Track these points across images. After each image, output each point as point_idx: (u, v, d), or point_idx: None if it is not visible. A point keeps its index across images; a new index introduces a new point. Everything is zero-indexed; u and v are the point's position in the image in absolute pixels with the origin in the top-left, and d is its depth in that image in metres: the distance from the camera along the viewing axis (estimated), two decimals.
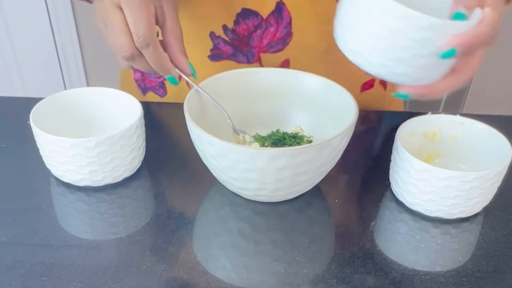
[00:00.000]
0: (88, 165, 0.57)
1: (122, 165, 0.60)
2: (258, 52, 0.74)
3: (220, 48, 0.74)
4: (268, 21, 0.71)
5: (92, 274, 0.49)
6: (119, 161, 0.59)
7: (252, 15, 0.71)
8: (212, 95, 0.62)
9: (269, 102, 0.67)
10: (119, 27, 0.53)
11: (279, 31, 0.72)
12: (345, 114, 0.57)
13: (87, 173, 0.58)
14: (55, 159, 0.58)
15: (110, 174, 0.59)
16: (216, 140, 0.51)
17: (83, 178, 0.59)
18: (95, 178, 0.59)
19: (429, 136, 0.61)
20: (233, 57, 0.75)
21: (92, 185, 0.60)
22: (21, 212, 0.57)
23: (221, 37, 0.73)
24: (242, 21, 0.71)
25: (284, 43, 0.73)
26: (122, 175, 0.61)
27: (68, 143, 0.56)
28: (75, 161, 0.57)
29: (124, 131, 0.57)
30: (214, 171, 0.57)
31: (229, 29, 0.72)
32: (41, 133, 0.57)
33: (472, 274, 0.50)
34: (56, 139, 0.56)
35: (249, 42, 0.73)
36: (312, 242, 0.53)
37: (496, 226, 0.56)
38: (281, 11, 0.70)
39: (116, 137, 0.57)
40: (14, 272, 0.49)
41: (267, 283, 0.49)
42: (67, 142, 0.56)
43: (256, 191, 0.55)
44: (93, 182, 0.59)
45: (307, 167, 0.52)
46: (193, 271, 0.50)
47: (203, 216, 0.57)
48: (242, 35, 0.72)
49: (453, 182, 0.52)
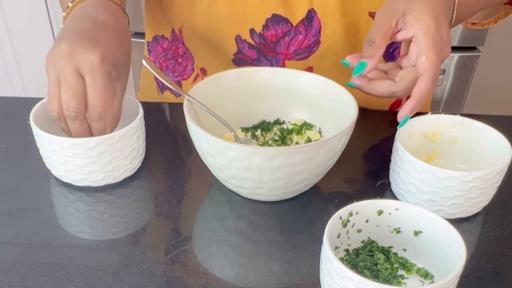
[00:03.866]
0: (88, 165, 0.57)
1: (122, 165, 0.60)
2: (283, 58, 0.74)
3: (244, 52, 0.74)
4: (297, 29, 0.71)
5: (92, 274, 0.49)
6: (119, 161, 0.59)
7: (282, 21, 0.70)
8: (212, 94, 0.62)
9: (269, 102, 0.67)
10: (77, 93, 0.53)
11: (307, 39, 0.72)
12: (345, 114, 0.57)
13: (87, 173, 0.58)
14: (55, 159, 0.58)
15: (111, 174, 0.59)
16: (213, 138, 0.51)
17: (83, 178, 0.59)
18: (95, 178, 0.59)
19: (429, 136, 0.61)
20: (257, 62, 0.74)
21: (92, 185, 0.60)
22: (21, 212, 0.57)
23: (246, 41, 0.73)
24: (271, 26, 0.71)
25: (310, 51, 0.73)
26: (122, 175, 0.60)
27: (68, 143, 0.56)
28: (75, 161, 0.57)
29: (124, 131, 0.57)
30: (213, 170, 0.57)
31: (257, 33, 0.72)
32: (41, 133, 0.57)
33: (472, 274, 0.50)
34: (56, 139, 0.56)
35: (276, 48, 0.73)
36: (312, 242, 0.53)
37: (496, 226, 0.56)
38: (312, 19, 0.70)
39: (116, 137, 0.57)
40: (14, 272, 0.49)
41: (267, 283, 0.49)
42: (67, 142, 0.55)
43: (253, 190, 0.55)
44: (93, 182, 0.59)
45: (304, 167, 0.52)
46: (193, 271, 0.50)
47: (203, 216, 0.57)
48: (269, 40, 0.72)
49: (453, 182, 0.52)
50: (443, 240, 0.46)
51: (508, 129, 0.58)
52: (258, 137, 0.65)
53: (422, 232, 0.48)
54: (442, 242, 0.46)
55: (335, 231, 0.47)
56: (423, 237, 0.48)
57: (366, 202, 0.48)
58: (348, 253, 0.50)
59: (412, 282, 0.48)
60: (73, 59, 0.53)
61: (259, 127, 0.66)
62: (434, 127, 0.61)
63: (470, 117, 0.60)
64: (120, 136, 0.57)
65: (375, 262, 0.49)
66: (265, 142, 0.65)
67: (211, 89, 0.63)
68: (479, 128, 0.59)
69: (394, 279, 0.48)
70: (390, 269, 0.49)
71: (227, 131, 0.61)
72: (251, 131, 0.66)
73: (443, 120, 0.61)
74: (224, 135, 0.62)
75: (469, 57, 1.52)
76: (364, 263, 0.48)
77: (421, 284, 0.48)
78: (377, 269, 0.48)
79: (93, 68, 0.53)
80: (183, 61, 0.82)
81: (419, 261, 0.50)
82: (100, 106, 0.55)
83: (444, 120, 0.60)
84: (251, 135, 0.66)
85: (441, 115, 0.60)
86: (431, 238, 0.47)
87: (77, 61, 0.53)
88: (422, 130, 0.61)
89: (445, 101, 1.62)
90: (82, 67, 0.53)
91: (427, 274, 0.48)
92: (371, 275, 0.48)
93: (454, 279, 0.41)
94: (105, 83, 0.54)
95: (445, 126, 0.61)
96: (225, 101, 0.64)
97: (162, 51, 0.85)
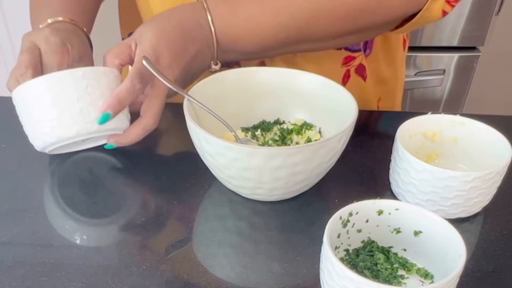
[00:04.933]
0: (54, 105, 0.56)
1: (93, 110, 0.57)
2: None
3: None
4: None
5: (92, 274, 0.49)
6: (86, 102, 0.56)
7: None
8: (212, 94, 0.62)
9: (269, 102, 0.67)
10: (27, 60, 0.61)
11: None
12: (345, 114, 0.57)
13: (55, 116, 0.56)
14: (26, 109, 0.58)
15: (81, 119, 0.56)
16: (213, 138, 0.51)
17: (53, 127, 0.56)
18: (64, 123, 0.56)
19: (429, 136, 0.61)
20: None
21: (65, 135, 0.57)
22: (21, 212, 0.57)
23: None
24: None
25: None
26: (94, 123, 0.57)
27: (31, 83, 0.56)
28: (43, 105, 0.56)
29: (92, 69, 0.57)
30: (213, 170, 0.57)
31: None
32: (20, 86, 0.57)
33: (472, 274, 0.50)
34: (30, 82, 0.56)
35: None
36: (312, 242, 0.53)
37: (496, 226, 0.56)
38: None
39: (80, 72, 0.56)
40: (14, 272, 0.49)
41: (267, 283, 0.49)
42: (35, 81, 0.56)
43: (253, 189, 0.55)
44: (65, 130, 0.57)
45: (304, 167, 0.52)
46: (193, 271, 0.50)
47: (203, 216, 0.57)
48: None
49: (453, 182, 0.52)
50: (443, 240, 0.46)
51: (508, 129, 0.58)
52: (258, 137, 0.65)
53: (422, 232, 0.48)
54: (442, 242, 0.46)
55: (335, 231, 0.47)
56: (423, 237, 0.48)
57: (366, 202, 0.48)
58: (348, 253, 0.50)
59: (412, 282, 0.48)
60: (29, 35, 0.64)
61: (259, 127, 0.66)
62: (434, 127, 0.61)
63: (470, 117, 0.60)
64: (83, 72, 0.56)
65: (375, 262, 0.49)
66: (265, 142, 0.65)
67: (211, 89, 0.63)
68: (479, 128, 0.59)
69: (394, 279, 0.48)
70: (390, 269, 0.49)
71: (227, 131, 0.61)
72: (251, 131, 0.66)
73: (443, 120, 0.60)
74: (224, 135, 0.62)
75: (469, 57, 1.53)
76: (364, 263, 0.48)
77: (421, 284, 0.48)
78: (377, 269, 0.48)
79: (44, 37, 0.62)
80: None
81: (419, 261, 0.50)
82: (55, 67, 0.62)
83: (444, 120, 0.60)
84: (251, 135, 0.66)
85: (441, 115, 0.60)
86: (431, 238, 0.47)
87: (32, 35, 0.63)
88: (422, 130, 0.61)
89: (445, 101, 1.62)
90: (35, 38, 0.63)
91: (427, 274, 0.48)
92: (371, 275, 0.48)
93: (454, 279, 0.41)
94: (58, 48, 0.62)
95: (445, 126, 0.61)
96: (225, 101, 0.64)
97: None
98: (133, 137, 0.60)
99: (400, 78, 0.89)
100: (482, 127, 0.58)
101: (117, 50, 0.61)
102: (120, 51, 0.61)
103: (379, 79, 0.84)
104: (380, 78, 0.84)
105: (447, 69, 1.54)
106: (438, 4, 0.63)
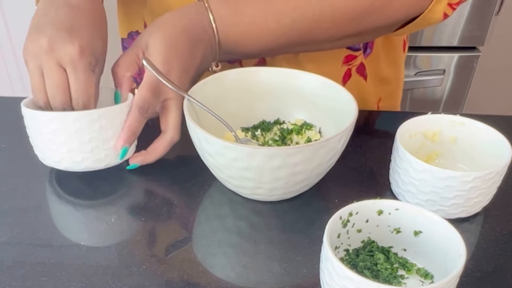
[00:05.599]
0: (66, 142, 0.56)
1: (103, 148, 0.57)
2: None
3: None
4: None
5: (92, 274, 0.49)
6: (98, 143, 0.57)
7: None
8: (212, 94, 0.62)
9: (269, 102, 0.67)
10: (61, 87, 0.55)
11: None
12: (345, 114, 0.57)
13: (66, 152, 0.57)
14: (36, 137, 0.58)
15: (90, 157, 0.57)
16: (213, 138, 0.51)
17: (62, 158, 0.57)
18: (74, 159, 0.57)
19: (429, 136, 0.61)
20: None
21: (73, 167, 0.58)
22: (21, 212, 0.57)
23: None
24: None
25: None
26: (104, 160, 0.59)
27: (47, 117, 0.55)
28: (54, 138, 0.56)
29: (105, 111, 0.56)
30: (213, 170, 0.57)
31: None
32: (24, 109, 0.56)
33: (472, 274, 0.50)
34: (36, 113, 0.55)
35: None
36: (312, 242, 0.53)
37: (496, 226, 0.56)
38: None
39: (95, 115, 0.56)
40: (14, 272, 0.49)
41: (267, 283, 0.49)
42: (46, 116, 0.55)
43: (253, 189, 0.55)
44: (73, 164, 0.58)
45: (304, 167, 0.52)
46: (193, 271, 0.50)
47: (203, 216, 0.57)
48: None
49: (453, 182, 0.52)
50: (443, 240, 0.46)
51: (508, 129, 0.58)
52: (258, 137, 0.65)
53: (422, 232, 0.48)
54: (442, 242, 0.46)
55: (335, 231, 0.47)
56: (423, 237, 0.48)
57: (366, 202, 0.48)
58: (348, 253, 0.50)
59: (412, 282, 0.48)
60: (53, 53, 0.54)
61: (259, 127, 0.66)
62: (434, 127, 0.61)
63: (470, 117, 0.60)
64: (99, 114, 0.56)
65: (375, 262, 0.49)
66: (265, 142, 0.65)
67: (211, 89, 0.63)
68: (479, 128, 0.59)
69: (394, 279, 0.48)
70: (390, 269, 0.49)
71: (227, 131, 0.61)
72: (251, 131, 0.66)
73: (443, 120, 0.61)
74: (224, 135, 0.62)
75: (469, 57, 1.53)
76: (364, 263, 0.48)
77: (421, 284, 0.48)
78: (377, 269, 0.48)
79: (74, 61, 0.55)
80: None
81: (419, 261, 0.50)
82: (84, 97, 0.56)
83: (444, 120, 0.60)
84: (251, 135, 0.66)
85: (441, 115, 0.60)
86: (431, 238, 0.47)
87: (57, 55, 0.54)
88: (422, 130, 0.61)
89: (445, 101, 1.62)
90: (62, 60, 0.55)
91: (427, 274, 0.48)
92: (371, 275, 0.48)
93: (454, 279, 0.41)
94: (86, 74, 0.56)
95: (445, 126, 0.61)
96: (225, 101, 0.64)
97: None
98: (159, 153, 0.61)
99: (401, 79, 0.89)
100: (482, 127, 0.58)
101: (126, 61, 0.60)
102: (129, 62, 0.60)
103: (379, 79, 0.84)
104: (380, 78, 0.84)
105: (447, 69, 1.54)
106: (441, 6, 0.63)
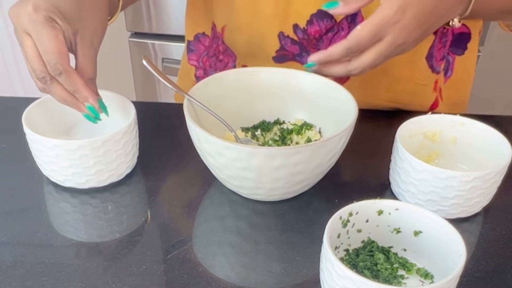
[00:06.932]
0: (70, 167, 0.57)
1: (107, 170, 0.59)
2: None
3: (286, 48, 0.74)
4: (340, 25, 0.70)
5: (92, 274, 0.49)
6: (102, 166, 0.58)
7: (326, 17, 0.70)
8: (212, 94, 0.62)
9: (269, 102, 0.67)
10: (30, 54, 0.52)
11: None
12: (345, 114, 0.57)
13: (70, 175, 0.58)
14: (41, 158, 0.58)
15: (94, 178, 0.58)
16: (213, 138, 0.51)
17: (66, 179, 0.58)
18: (78, 181, 0.58)
19: (429, 136, 0.61)
20: (299, 57, 0.74)
21: (77, 187, 0.59)
22: (21, 212, 0.57)
23: (289, 37, 0.72)
24: (315, 22, 0.70)
25: None
26: (107, 180, 0.60)
27: (50, 144, 0.55)
28: (58, 162, 0.56)
29: (108, 137, 0.56)
30: (213, 170, 0.57)
31: (300, 29, 0.71)
32: (28, 132, 0.56)
33: (472, 274, 0.50)
34: (40, 138, 0.55)
35: (318, 44, 0.72)
36: (312, 242, 0.53)
37: (496, 226, 0.56)
38: (356, 16, 0.70)
39: (99, 142, 0.56)
40: (14, 272, 0.49)
41: (267, 283, 0.49)
42: (50, 142, 0.55)
43: (253, 189, 0.55)
44: (77, 184, 0.59)
45: (304, 167, 0.52)
46: (193, 271, 0.50)
47: (203, 216, 0.57)
48: (312, 36, 0.72)
49: (453, 182, 0.52)
50: (443, 240, 0.46)
51: (508, 129, 0.58)
52: (258, 137, 0.65)
53: (422, 232, 0.48)
54: (442, 242, 0.46)
55: (335, 231, 0.47)
56: (423, 237, 0.48)
57: (366, 202, 0.48)
58: (348, 253, 0.50)
59: (412, 282, 0.48)
60: (18, 24, 0.53)
61: (259, 127, 0.66)
62: (434, 127, 0.61)
63: (470, 117, 0.60)
64: (103, 141, 0.56)
65: (375, 262, 0.49)
66: (265, 142, 0.65)
67: (211, 89, 0.63)
68: (479, 128, 0.59)
69: (394, 279, 0.48)
70: (390, 269, 0.49)
71: (227, 131, 0.61)
72: (251, 131, 0.66)
73: (443, 120, 0.61)
74: (224, 135, 0.62)
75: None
76: (364, 263, 0.49)
77: (421, 284, 0.48)
78: (377, 269, 0.48)
79: (31, 22, 0.52)
80: (224, 58, 0.81)
81: (419, 261, 0.50)
82: (53, 58, 0.52)
83: (444, 120, 0.61)
84: (251, 135, 0.66)
85: (441, 115, 0.60)
86: (431, 238, 0.47)
87: (20, 23, 0.53)
88: (422, 130, 0.61)
89: None
90: (24, 26, 0.52)
91: (427, 274, 0.48)
92: (371, 275, 0.48)
93: (454, 279, 0.41)
94: (47, 31, 0.52)
95: (445, 126, 0.61)
96: (225, 101, 0.64)
97: (204, 49, 0.84)
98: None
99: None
100: (482, 127, 0.58)
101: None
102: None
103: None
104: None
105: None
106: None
